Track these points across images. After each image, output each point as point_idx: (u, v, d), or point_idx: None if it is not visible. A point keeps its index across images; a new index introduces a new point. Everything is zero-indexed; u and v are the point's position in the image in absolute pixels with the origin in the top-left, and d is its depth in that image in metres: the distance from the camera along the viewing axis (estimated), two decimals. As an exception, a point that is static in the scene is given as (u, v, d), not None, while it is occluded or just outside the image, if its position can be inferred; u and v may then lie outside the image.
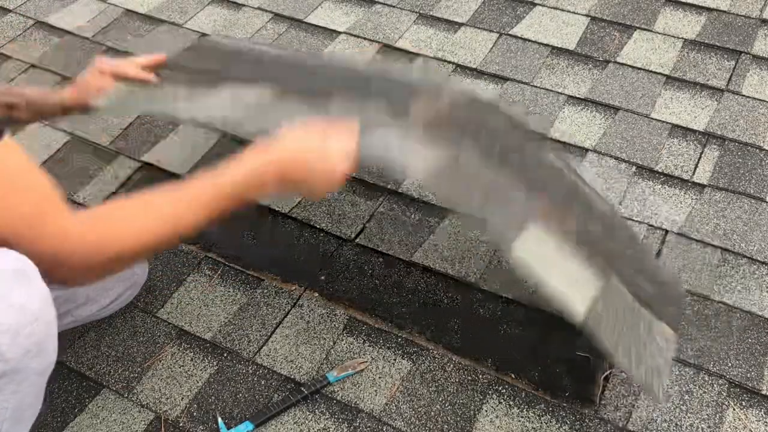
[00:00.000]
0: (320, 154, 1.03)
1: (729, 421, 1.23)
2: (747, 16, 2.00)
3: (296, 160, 1.03)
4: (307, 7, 2.17)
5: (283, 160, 1.03)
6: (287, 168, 1.02)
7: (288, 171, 1.02)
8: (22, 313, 0.88)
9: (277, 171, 1.02)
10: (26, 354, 0.91)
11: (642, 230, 1.52)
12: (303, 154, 1.03)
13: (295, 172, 1.03)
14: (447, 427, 1.24)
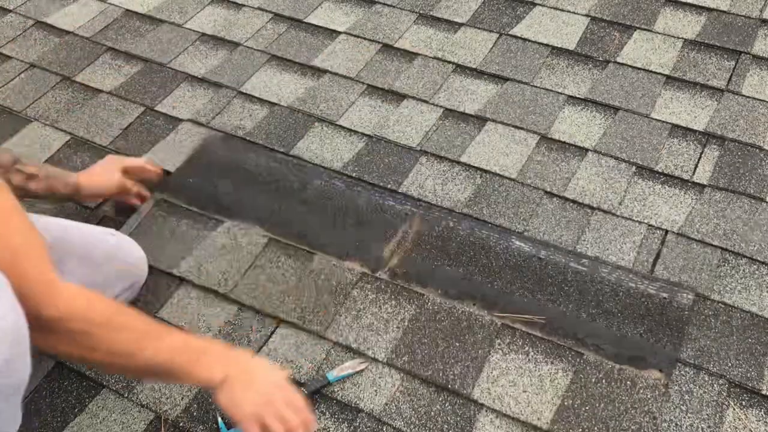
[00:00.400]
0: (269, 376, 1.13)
1: (729, 421, 1.23)
2: (747, 16, 2.00)
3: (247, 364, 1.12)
4: (307, 7, 2.17)
5: (238, 358, 1.12)
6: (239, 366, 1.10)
7: (238, 369, 1.09)
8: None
9: (230, 362, 1.09)
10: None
11: (642, 230, 1.52)
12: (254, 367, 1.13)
13: (244, 372, 1.09)
14: (447, 427, 1.24)
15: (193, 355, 1.07)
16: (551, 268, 1.45)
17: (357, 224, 1.55)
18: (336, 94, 1.89)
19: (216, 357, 1.08)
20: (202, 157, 1.74)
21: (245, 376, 1.08)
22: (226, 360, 1.09)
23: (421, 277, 1.45)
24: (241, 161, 1.71)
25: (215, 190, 1.65)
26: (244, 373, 1.08)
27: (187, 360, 1.06)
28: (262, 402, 1.07)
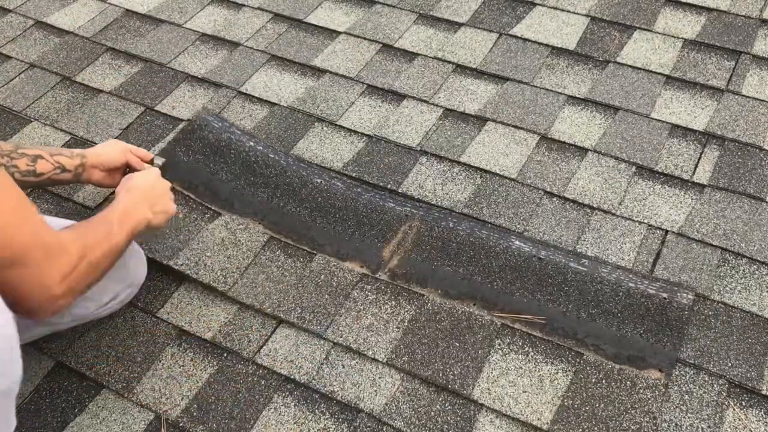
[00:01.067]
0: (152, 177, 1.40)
1: (729, 421, 1.23)
2: (747, 16, 2.00)
3: (141, 183, 1.36)
4: (307, 7, 2.17)
5: (135, 189, 1.34)
6: (140, 189, 1.34)
7: (141, 190, 1.34)
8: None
9: (134, 190, 1.33)
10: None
11: (642, 230, 1.52)
12: (144, 178, 1.38)
13: (145, 188, 1.34)
14: (447, 427, 1.24)
15: (133, 217, 1.27)
16: (551, 268, 1.45)
17: (357, 224, 1.55)
18: (336, 94, 1.89)
19: (135, 203, 1.30)
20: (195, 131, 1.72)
21: (153, 198, 1.34)
22: (140, 200, 1.31)
23: (421, 277, 1.46)
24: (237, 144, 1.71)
25: (211, 175, 1.65)
26: (152, 197, 1.34)
27: (133, 221, 1.26)
28: (168, 207, 1.37)
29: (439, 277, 1.45)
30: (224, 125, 1.75)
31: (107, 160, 1.50)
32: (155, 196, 1.34)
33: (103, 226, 1.21)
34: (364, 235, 1.53)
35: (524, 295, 1.41)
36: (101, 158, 1.49)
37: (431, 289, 1.44)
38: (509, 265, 1.46)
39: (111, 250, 1.19)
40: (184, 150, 1.69)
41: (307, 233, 1.55)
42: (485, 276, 1.45)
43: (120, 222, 1.23)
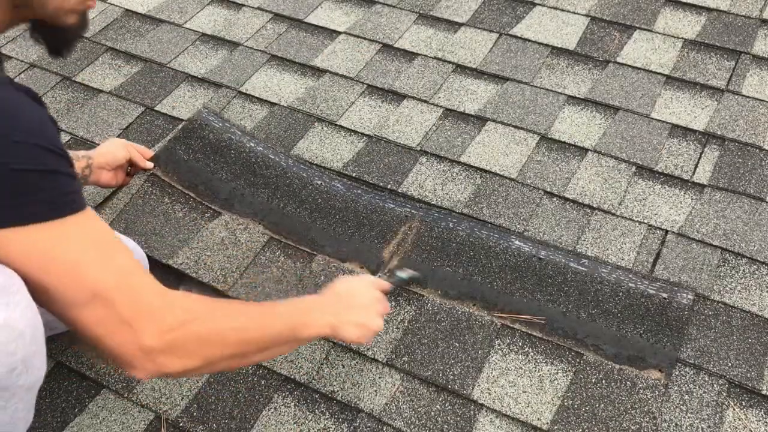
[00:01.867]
0: (361, 284, 1.24)
1: (729, 421, 1.23)
2: (747, 16, 2.00)
3: (343, 286, 1.22)
4: (307, 7, 2.17)
5: (332, 290, 1.21)
6: (336, 292, 1.19)
7: (337, 293, 1.19)
8: (5, 331, 0.86)
9: (329, 296, 1.19)
10: (12, 372, 0.89)
11: (642, 230, 1.52)
12: (350, 284, 1.22)
13: (342, 292, 1.19)
14: (447, 427, 1.24)
15: (302, 316, 1.11)
16: (551, 268, 1.45)
17: (357, 225, 1.55)
18: (336, 94, 1.89)
19: (317, 306, 1.14)
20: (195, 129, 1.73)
21: (348, 305, 1.16)
22: (326, 304, 1.16)
23: (421, 277, 1.45)
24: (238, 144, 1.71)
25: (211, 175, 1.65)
26: (346, 304, 1.17)
27: (298, 322, 1.09)
28: (373, 314, 1.19)
29: (439, 277, 1.45)
30: (225, 125, 1.74)
31: (112, 158, 1.49)
32: (354, 305, 1.17)
33: (260, 308, 1.11)
34: (364, 235, 1.53)
35: (524, 296, 1.41)
36: (106, 157, 1.48)
37: (431, 290, 1.44)
38: (509, 265, 1.46)
39: (249, 332, 1.02)
40: (184, 149, 1.69)
41: (307, 234, 1.55)
42: (485, 276, 1.45)
43: (284, 313, 1.09)
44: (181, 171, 1.65)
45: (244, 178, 1.64)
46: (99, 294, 0.89)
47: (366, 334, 1.16)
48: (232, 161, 1.67)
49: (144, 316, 0.91)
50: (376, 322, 1.17)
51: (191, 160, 1.67)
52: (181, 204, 1.59)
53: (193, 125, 1.74)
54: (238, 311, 1.06)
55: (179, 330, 0.93)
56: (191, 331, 0.95)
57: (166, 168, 1.64)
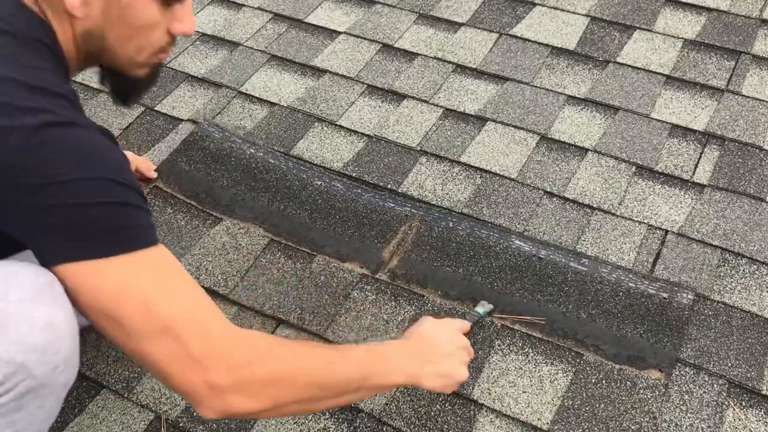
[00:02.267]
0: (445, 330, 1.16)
1: (729, 421, 1.23)
2: (747, 16, 2.00)
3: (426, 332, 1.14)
4: (307, 7, 2.17)
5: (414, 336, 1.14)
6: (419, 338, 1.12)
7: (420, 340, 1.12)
8: (49, 330, 0.87)
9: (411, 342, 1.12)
10: (54, 370, 0.90)
11: (642, 230, 1.52)
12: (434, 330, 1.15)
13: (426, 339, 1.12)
14: (447, 427, 1.24)
15: (379, 362, 1.06)
16: (551, 268, 1.45)
17: (357, 225, 1.55)
18: (336, 94, 1.89)
19: (398, 352, 1.09)
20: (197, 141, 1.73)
21: (432, 352, 1.10)
22: (409, 350, 1.10)
23: (420, 277, 1.46)
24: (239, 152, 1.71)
25: (212, 183, 1.65)
26: (430, 351, 1.10)
27: (375, 368, 1.04)
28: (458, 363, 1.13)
29: (439, 277, 1.45)
30: (225, 135, 1.75)
31: None
32: (438, 352, 1.11)
33: (334, 351, 1.06)
34: (364, 235, 1.53)
35: (524, 296, 1.41)
36: None
37: (431, 290, 1.44)
38: (509, 266, 1.46)
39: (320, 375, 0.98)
40: (185, 160, 1.69)
41: (308, 235, 1.55)
42: (485, 276, 1.45)
43: (360, 358, 1.04)
44: (183, 181, 1.65)
45: (244, 184, 1.64)
46: (169, 328, 0.88)
47: (449, 384, 1.11)
48: (232, 168, 1.67)
49: (213, 353, 0.89)
50: (461, 372, 1.11)
51: (192, 170, 1.67)
52: (183, 213, 1.59)
53: (193, 137, 1.74)
54: (309, 352, 1.01)
55: (247, 369, 0.91)
56: (260, 370, 0.92)
57: (168, 180, 1.65)
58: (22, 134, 0.81)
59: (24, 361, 0.86)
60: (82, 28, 0.96)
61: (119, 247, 0.87)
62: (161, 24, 1.01)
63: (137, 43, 1.01)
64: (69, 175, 0.83)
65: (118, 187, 0.88)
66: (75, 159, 0.84)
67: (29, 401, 0.91)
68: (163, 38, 1.03)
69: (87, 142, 0.87)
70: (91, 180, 0.85)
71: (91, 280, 0.87)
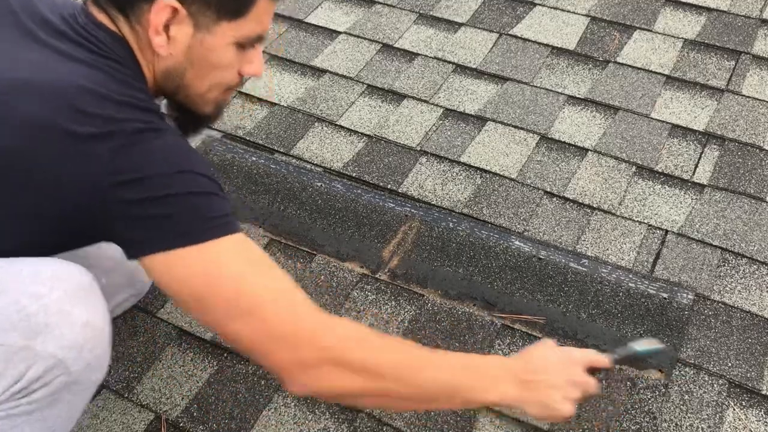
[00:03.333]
0: (559, 360, 1.04)
1: (729, 421, 1.23)
2: (747, 16, 2.00)
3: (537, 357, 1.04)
4: (307, 7, 2.17)
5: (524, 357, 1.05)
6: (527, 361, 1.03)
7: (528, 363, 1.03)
8: (87, 329, 0.91)
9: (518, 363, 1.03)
10: (87, 367, 0.94)
11: (642, 230, 1.52)
12: (547, 355, 1.04)
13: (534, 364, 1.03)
14: (447, 427, 1.24)
15: (476, 374, 1.00)
16: (551, 268, 1.45)
17: (357, 225, 1.55)
18: (336, 94, 1.89)
19: (502, 370, 1.02)
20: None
21: (538, 380, 1.01)
22: (512, 371, 1.02)
23: (421, 277, 1.46)
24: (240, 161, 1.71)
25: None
26: (536, 378, 1.01)
27: (471, 380, 0.99)
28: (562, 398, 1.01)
29: (439, 277, 1.45)
30: (228, 146, 1.75)
31: None
32: (545, 381, 1.00)
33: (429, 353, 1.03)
34: (364, 235, 1.53)
35: (524, 296, 1.41)
36: None
37: (431, 290, 1.44)
38: (509, 266, 1.46)
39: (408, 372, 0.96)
40: None
41: (308, 234, 1.55)
42: (485, 276, 1.45)
43: (457, 366, 1.00)
44: None
45: (246, 188, 1.65)
46: (258, 309, 0.92)
47: (551, 416, 1.02)
48: (234, 175, 1.67)
49: (303, 332, 0.92)
50: (564, 408, 0.99)
51: None
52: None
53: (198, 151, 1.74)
54: (403, 350, 1.00)
55: (336, 350, 0.92)
56: (350, 354, 0.93)
57: None
58: (119, 138, 0.88)
59: (63, 358, 0.90)
60: (164, 66, 1.01)
61: (210, 234, 0.91)
62: (235, 66, 1.06)
63: (211, 81, 1.06)
64: (161, 170, 0.90)
65: (204, 179, 0.93)
66: (164, 157, 0.91)
67: (62, 397, 0.94)
68: (234, 78, 1.08)
69: (174, 143, 0.95)
70: (180, 173, 0.91)
71: (183, 266, 0.91)
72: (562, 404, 1.00)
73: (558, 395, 1.00)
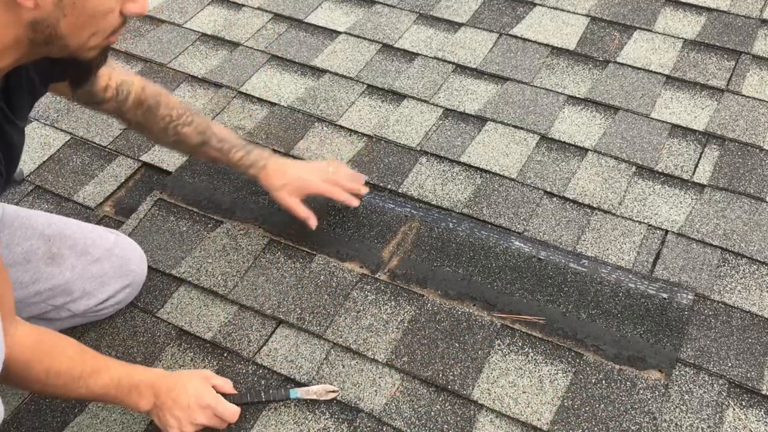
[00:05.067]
0: (194, 399, 1.21)
1: (729, 421, 1.23)
2: (747, 16, 2.00)
3: (175, 391, 1.20)
4: (307, 7, 2.17)
5: (168, 387, 1.21)
6: (170, 388, 1.20)
7: (164, 398, 1.19)
8: None
9: (165, 384, 1.20)
10: None
11: (642, 230, 1.52)
12: (183, 391, 1.21)
13: (169, 400, 1.19)
14: (447, 427, 1.24)
15: (123, 391, 1.17)
16: (551, 268, 1.45)
17: (356, 225, 1.55)
18: (336, 94, 1.89)
19: (144, 391, 1.19)
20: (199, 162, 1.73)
21: (169, 402, 1.19)
22: (153, 391, 1.19)
23: (420, 277, 1.46)
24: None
25: (214, 191, 1.65)
26: (169, 400, 1.19)
27: (116, 396, 1.17)
28: (185, 420, 1.19)
29: (439, 277, 1.45)
30: None
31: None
32: (176, 402, 1.20)
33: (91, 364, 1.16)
34: (364, 235, 1.53)
35: (524, 296, 1.41)
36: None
37: (431, 290, 1.44)
38: (509, 266, 1.46)
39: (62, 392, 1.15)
40: (189, 174, 1.69)
41: (308, 234, 1.54)
42: (485, 276, 1.45)
43: (113, 387, 1.16)
44: (187, 192, 1.66)
45: (246, 188, 1.65)
46: None
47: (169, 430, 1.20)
48: (234, 176, 1.67)
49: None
50: (181, 429, 1.19)
51: (196, 182, 1.67)
52: (185, 220, 1.59)
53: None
54: (59, 366, 1.11)
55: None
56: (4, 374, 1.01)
57: (173, 192, 1.65)
58: None
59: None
60: (30, 18, 0.91)
61: None
62: (115, 8, 1.01)
63: (91, 29, 0.99)
64: None
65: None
66: None
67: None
68: (116, 21, 1.03)
69: None
70: None
71: None
72: (186, 427, 1.19)
73: (184, 418, 1.18)
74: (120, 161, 1.76)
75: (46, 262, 1.31)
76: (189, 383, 1.21)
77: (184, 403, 1.19)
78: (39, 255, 1.30)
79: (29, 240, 1.31)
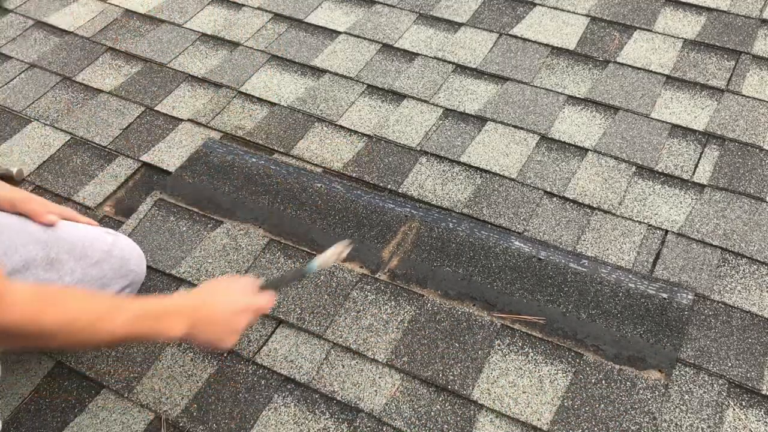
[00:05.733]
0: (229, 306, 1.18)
1: (729, 421, 1.23)
2: (747, 16, 2.00)
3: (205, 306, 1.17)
4: (307, 7, 2.17)
5: (201, 295, 1.19)
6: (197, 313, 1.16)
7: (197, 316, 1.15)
8: None
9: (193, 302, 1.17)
10: None
11: (642, 230, 1.52)
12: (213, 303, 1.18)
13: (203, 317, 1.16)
14: (447, 427, 1.24)
15: (150, 321, 1.11)
16: (551, 268, 1.45)
17: (356, 225, 1.55)
18: (336, 94, 1.89)
19: (174, 314, 1.13)
20: (201, 157, 1.74)
21: (206, 319, 1.15)
22: (184, 313, 1.14)
23: (420, 277, 1.46)
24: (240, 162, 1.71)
25: (214, 191, 1.65)
26: (204, 317, 1.15)
27: (144, 328, 1.10)
28: (228, 332, 1.16)
29: (439, 277, 1.45)
30: (228, 148, 1.75)
31: None
32: (214, 315, 1.16)
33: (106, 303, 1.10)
34: (364, 235, 1.53)
35: (524, 296, 1.41)
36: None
37: (431, 290, 1.44)
38: (509, 266, 1.46)
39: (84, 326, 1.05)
40: (189, 174, 1.69)
41: (307, 234, 1.55)
42: (485, 276, 1.45)
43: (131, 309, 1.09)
44: (187, 192, 1.66)
45: (246, 189, 1.65)
46: None
47: (218, 347, 1.18)
48: (234, 177, 1.68)
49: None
50: (228, 341, 1.17)
51: (196, 182, 1.68)
52: (185, 220, 1.59)
53: (198, 154, 1.74)
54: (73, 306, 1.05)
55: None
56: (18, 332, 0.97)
57: (173, 192, 1.65)
58: None
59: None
60: None
61: None
62: None
63: None
64: None
65: None
66: None
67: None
68: None
69: None
70: None
71: None
72: (228, 337, 1.16)
73: (225, 329, 1.16)
74: (120, 161, 1.76)
75: (45, 268, 1.30)
76: (214, 296, 1.18)
77: (220, 318, 1.15)
78: (38, 261, 1.30)
79: (26, 246, 1.30)
